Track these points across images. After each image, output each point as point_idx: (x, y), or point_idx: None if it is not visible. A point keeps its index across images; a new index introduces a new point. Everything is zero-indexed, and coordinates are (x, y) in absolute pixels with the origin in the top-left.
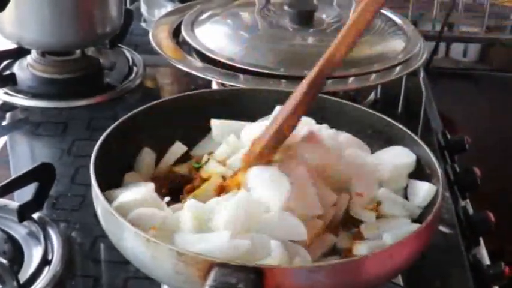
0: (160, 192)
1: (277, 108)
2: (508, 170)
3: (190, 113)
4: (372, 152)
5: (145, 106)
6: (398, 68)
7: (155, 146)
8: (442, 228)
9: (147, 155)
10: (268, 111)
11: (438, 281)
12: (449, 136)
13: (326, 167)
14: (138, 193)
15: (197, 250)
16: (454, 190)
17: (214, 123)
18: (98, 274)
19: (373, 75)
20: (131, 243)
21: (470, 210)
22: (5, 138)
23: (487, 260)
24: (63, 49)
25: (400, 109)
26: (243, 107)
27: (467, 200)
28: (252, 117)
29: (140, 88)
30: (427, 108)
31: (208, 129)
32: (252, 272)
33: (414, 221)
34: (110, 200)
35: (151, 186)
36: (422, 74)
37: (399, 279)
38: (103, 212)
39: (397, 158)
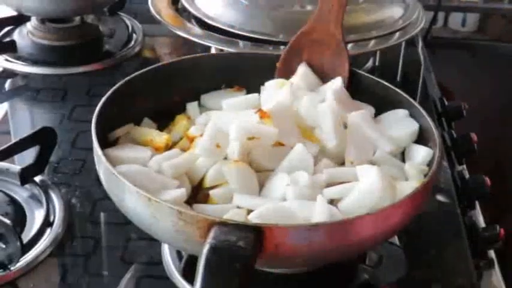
0: None
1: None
2: (506, 138)
3: (190, 77)
4: None
5: (144, 70)
6: (396, 35)
7: (155, 110)
8: (439, 198)
9: (147, 126)
10: (267, 76)
11: (434, 244)
12: (446, 103)
13: None
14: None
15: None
16: (451, 156)
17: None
18: (98, 236)
19: (372, 42)
20: (133, 203)
21: (467, 175)
22: (5, 104)
23: (482, 224)
24: (62, 16)
25: (398, 78)
26: (242, 71)
27: (464, 166)
28: (251, 82)
29: (139, 55)
30: (425, 77)
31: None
32: (251, 231)
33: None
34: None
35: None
36: (420, 44)
37: (396, 241)
38: (105, 173)
39: (401, 127)
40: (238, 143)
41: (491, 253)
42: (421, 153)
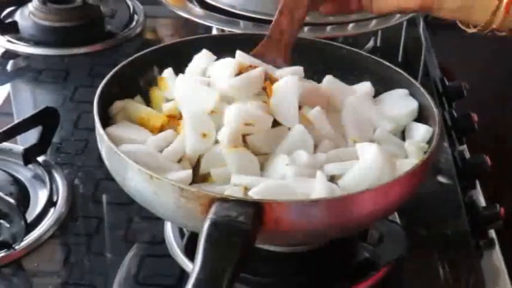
0: None
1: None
2: (506, 119)
3: (192, 58)
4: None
5: (146, 50)
6: (398, 15)
7: None
8: (439, 178)
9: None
10: None
11: (435, 224)
12: (447, 83)
13: None
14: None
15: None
16: (452, 136)
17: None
18: (101, 215)
19: (373, 21)
20: (135, 180)
21: (467, 155)
22: (8, 85)
23: (483, 203)
24: None
25: (399, 58)
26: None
27: (465, 146)
28: None
29: (141, 36)
30: (426, 58)
31: None
32: (251, 206)
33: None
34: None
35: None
36: (422, 25)
37: (397, 220)
38: (108, 152)
39: (400, 105)
40: (229, 131)
41: (492, 233)
42: (421, 131)
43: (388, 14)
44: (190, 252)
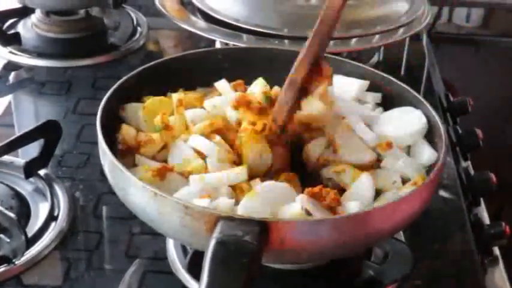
0: None
1: None
2: (509, 134)
3: (196, 71)
4: None
5: (150, 63)
6: (401, 30)
7: None
8: (444, 194)
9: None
10: (273, 69)
11: (439, 241)
12: (451, 98)
13: None
14: None
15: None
16: (456, 151)
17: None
18: (102, 230)
19: (376, 37)
20: (138, 197)
21: (472, 172)
22: (9, 97)
23: (487, 220)
24: (67, 9)
25: (402, 72)
26: (246, 65)
27: (469, 162)
28: (258, 76)
29: (144, 48)
30: (430, 72)
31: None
32: (257, 225)
33: None
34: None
35: None
36: (425, 39)
37: (401, 237)
38: (110, 167)
39: (410, 123)
40: None
41: (496, 250)
42: (425, 154)
43: None
44: (193, 269)
